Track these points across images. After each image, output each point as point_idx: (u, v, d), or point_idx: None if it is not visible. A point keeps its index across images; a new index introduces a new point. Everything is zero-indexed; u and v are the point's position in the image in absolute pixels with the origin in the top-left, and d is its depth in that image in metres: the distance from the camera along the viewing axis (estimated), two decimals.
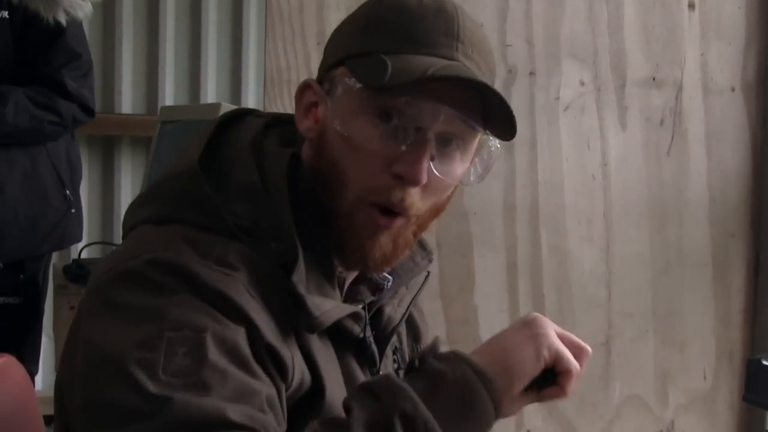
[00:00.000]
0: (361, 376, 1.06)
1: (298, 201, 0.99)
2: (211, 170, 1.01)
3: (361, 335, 1.04)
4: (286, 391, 0.94)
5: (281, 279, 0.95)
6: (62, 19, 2.20)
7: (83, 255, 2.83)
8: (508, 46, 2.25)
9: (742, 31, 2.47)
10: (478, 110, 0.99)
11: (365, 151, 0.97)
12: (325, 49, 1.05)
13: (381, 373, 1.08)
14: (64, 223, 2.37)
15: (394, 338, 1.14)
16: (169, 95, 3.60)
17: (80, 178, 2.50)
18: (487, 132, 1.02)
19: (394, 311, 1.12)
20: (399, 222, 1.00)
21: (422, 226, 1.04)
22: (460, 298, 2.27)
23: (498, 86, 2.32)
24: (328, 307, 0.97)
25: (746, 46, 2.48)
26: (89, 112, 2.35)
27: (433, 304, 2.23)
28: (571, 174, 2.34)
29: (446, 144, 1.00)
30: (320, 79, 1.03)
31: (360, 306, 1.08)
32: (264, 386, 0.89)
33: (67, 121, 2.30)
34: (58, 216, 2.35)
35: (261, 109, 1.13)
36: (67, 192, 2.37)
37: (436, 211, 1.05)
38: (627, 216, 2.40)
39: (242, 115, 1.09)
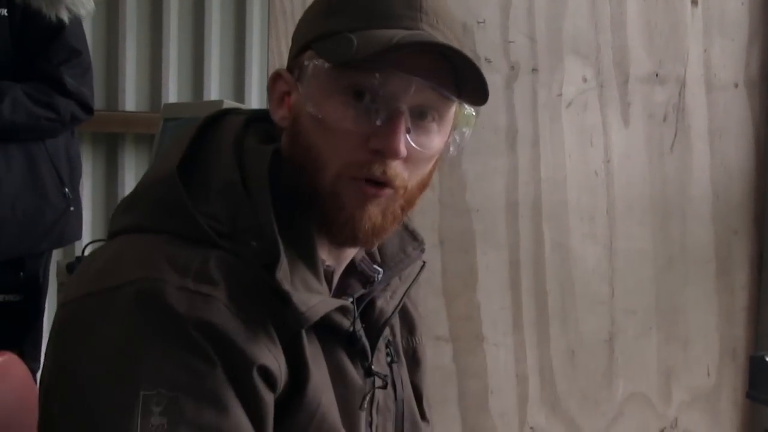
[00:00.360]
0: (352, 370, 1.05)
1: (281, 197, 0.99)
2: (193, 174, 1.00)
3: (351, 329, 1.03)
4: (275, 396, 0.95)
5: (264, 280, 0.94)
6: (64, 17, 2.20)
7: (87, 252, 2.84)
8: (510, 42, 2.25)
9: (746, 27, 2.46)
10: (449, 79, 0.99)
11: (340, 130, 0.97)
12: (293, 39, 1.05)
13: (373, 366, 1.08)
14: (63, 221, 2.37)
15: (387, 331, 1.13)
16: (173, 93, 3.60)
17: (80, 176, 2.50)
18: (461, 100, 1.02)
19: (386, 304, 1.12)
20: (387, 192, 1.00)
21: (410, 202, 1.04)
22: (463, 295, 2.27)
23: (500, 83, 2.33)
24: (315, 301, 0.96)
25: (749, 42, 2.47)
26: (88, 109, 2.35)
27: (435, 301, 2.23)
28: (573, 170, 2.33)
29: (422, 117, 1.00)
30: (290, 68, 1.04)
31: (349, 299, 1.07)
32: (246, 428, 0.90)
33: (65, 118, 2.30)
34: (57, 214, 2.35)
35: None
36: (66, 190, 2.37)
37: (422, 186, 1.04)
38: (630, 213, 2.39)
39: (222, 115, 1.08)
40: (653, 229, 2.42)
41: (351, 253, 1.09)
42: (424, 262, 1.19)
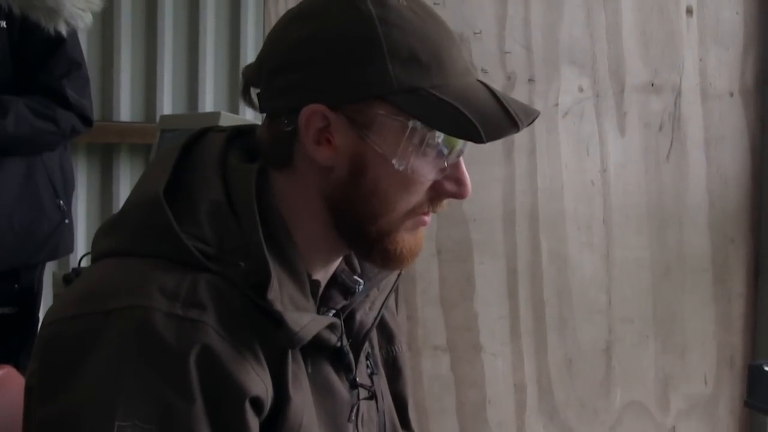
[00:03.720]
0: (339, 384, 1.06)
1: (265, 216, 0.99)
2: (178, 196, 1.00)
3: (338, 344, 1.04)
4: (260, 419, 0.95)
5: (253, 301, 0.95)
6: (63, 30, 2.20)
7: (83, 264, 2.83)
8: (506, 52, 2.25)
9: (741, 36, 2.47)
10: None
11: (423, 183, 1.01)
12: (309, 66, 1.00)
13: (357, 379, 1.08)
14: (58, 234, 2.37)
15: (367, 343, 1.13)
16: (167, 103, 3.60)
17: (73, 188, 2.49)
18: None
19: (365, 316, 1.12)
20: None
21: None
22: (461, 304, 2.27)
23: None
24: (306, 321, 0.96)
25: (744, 51, 2.48)
26: (88, 122, 2.35)
27: (433, 311, 2.23)
28: (570, 180, 2.34)
29: None
30: (330, 105, 1.00)
31: (332, 313, 1.08)
32: None
33: (65, 131, 2.30)
34: (53, 226, 2.34)
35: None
36: (61, 202, 2.36)
37: None
38: (627, 221, 2.40)
39: (203, 134, 1.07)
40: (650, 237, 2.42)
41: (336, 264, 1.10)
42: (400, 271, 1.20)
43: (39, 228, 2.31)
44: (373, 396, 1.10)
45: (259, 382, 0.93)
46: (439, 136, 0.99)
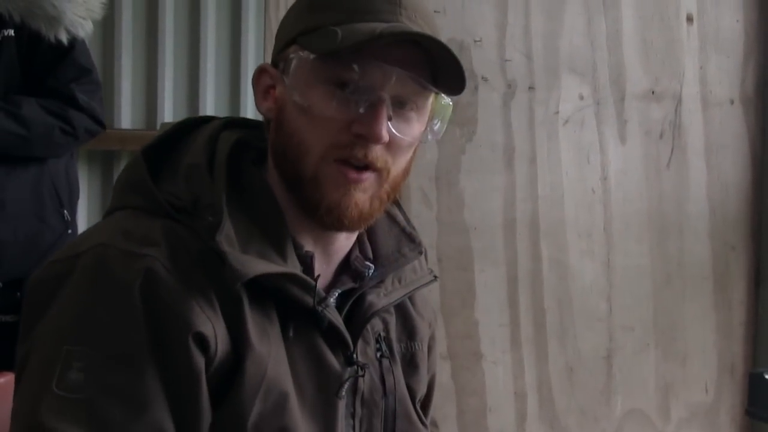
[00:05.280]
0: (329, 356, 1.07)
1: (250, 183, 1.06)
2: (167, 160, 1.08)
3: (314, 307, 1.04)
4: (210, 366, 0.97)
5: (211, 249, 0.99)
6: (63, 38, 2.20)
7: None
8: (507, 60, 2.25)
9: (741, 44, 2.47)
10: (427, 71, 1.04)
11: (324, 117, 1.02)
12: (276, 35, 1.11)
13: (357, 357, 1.09)
14: (61, 244, 2.36)
15: (379, 326, 1.15)
16: (168, 110, 3.60)
17: (78, 198, 2.48)
18: (438, 90, 1.07)
19: (377, 299, 1.13)
20: (369, 176, 1.04)
21: (395, 188, 1.09)
22: (461, 312, 2.27)
23: (497, 101, 2.34)
24: (254, 263, 0.99)
25: (745, 58, 2.48)
26: (100, 123, 2.35)
27: None
28: (571, 188, 2.34)
29: (401, 106, 1.05)
30: (274, 62, 1.09)
31: (337, 293, 1.10)
32: (156, 410, 0.95)
33: (78, 131, 2.29)
34: (56, 237, 2.33)
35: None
36: (65, 212, 2.36)
37: (405, 173, 1.10)
38: (627, 229, 2.40)
39: (210, 119, 1.15)
40: (651, 245, 2.42)
41: (341, 245, 1.12)
42: (435, 277, 1.22)
43: (42, 239, 2.31)
44: (364, 373, 1.10)
45: (205, 320, 0.97)
46: (330, 67, 1.01)
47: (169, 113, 3.60)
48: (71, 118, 2.26)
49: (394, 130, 1.03)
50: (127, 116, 3.58)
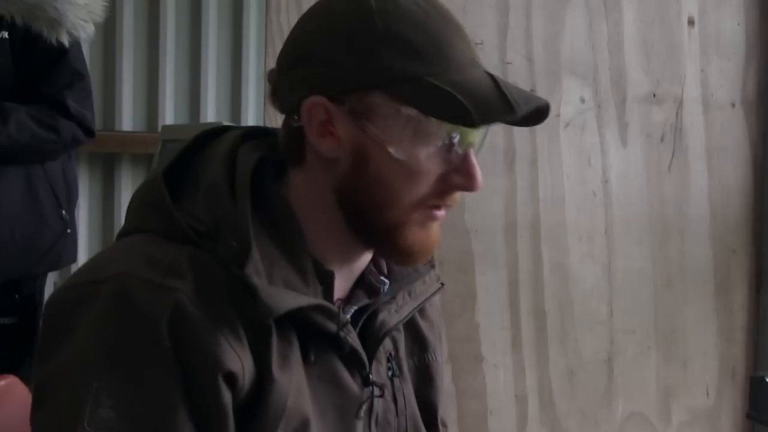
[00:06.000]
0: (348, 377, 1.06)
1: (273, 204, 1.03)
2: (186, 179, 1.05)
3: (336, 332, 1.04)
4: (236, 399, 0.96)
5: (239, 278, 0.97)
6: (65, 40, 2.20)
7: None
8: (508, 63, 2.25)
9: (742, 47, 2.47)
10: None
11: (426, 172, 1.01)
12: (314, 59, 1.02)
13: (372, 377, 1.08)
14: (60, 244, 2.36)
15: (389, 344, 1.14)
16: (169, 113, 3.61)
17: (76, 198, 2.49)
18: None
19: (389, 316, 1.12)
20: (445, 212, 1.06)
21: None
22: (462, 315, 2.26)
23: None
24: (284, 296, 0.98)
25: (746, 61, 2.48)
26: (89, 132, 2.35)
27: None
28: (572, 191, 2.34)
29: None
30: (330, 96, 1.01)
31: (353, 310, 1.09)
32: None
33: (66, 140, 2.29)
34: (55, 236, 2.33)
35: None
36: (64, 212, 2.36)
37: None
38: (628, 232, 2.39)
39: (220, 130, 1.11)
40: (652, 248, 2.42)
41: (364, 261, 1.11)
42: (442, 284, 1.22)
43: (41, 239, 2.31)
44: (382, 393, 1.10)
45: (234, 357, 0.95)
46: (442, 126, 1.00)
47: (170, 116, 3.60)
48: (60, 127, 2.26)
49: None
50: (128, 118, 3.59)
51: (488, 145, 2.24)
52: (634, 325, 2.41)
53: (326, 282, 1.05)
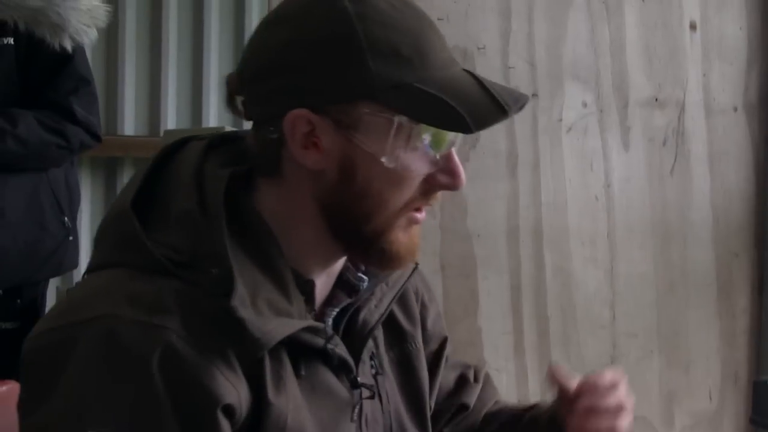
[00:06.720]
0: (337, 384, 1.05)
1: (244, 222, 0.99)
2: (153, 206, 1.00)
3: (324, 346, 1.02)
4: (234, 428, 0.94)
5: (222, 306, 0.94)
6: (68, 45, 2.20)
7: None
8: (510, 68, 2.25)
9: (744, 51, 2.47)
10: None
11: (415, 177, 1.00)
12: (292, 69, 0.98)
13: (360, 379, 1.07)
14: (62, 250, 2.35)
15: (370, 343, 1.12)
16: (172, 117, 3.61)
17: (78, 204, 2.48)
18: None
19: (370, 315, 1.11)
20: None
21: None
22: (464, 320, 2.26)
23: None
24: (272, 326, 0.95)
25: (748, 66, 2.48)
26: (96, 138, 2.35)
27: None
28: (574, 195, 2.34)
29: None
30: (313, 108, 0.98)
31: (335, 313, 1.08)
32: None
33: (74, 145, 2.29)
34: (56, 243, 2.33)
35: None
36: (66, 219, 2.35)
37: None
38: (631, 236, 2.39)
39: (182, 144, 1.07)
40: (654, 252, 2.42)
41: (341, 264, 1.09)
42: (416, 264, 1.19)
43: (43, 245, 2.30)
44: (374, 395, 1.09)
45: (230, 389, 0.93)
46: (428, 130, 0.98)
47: (172, 120, 3.60)
48: (67, 132, 2.26)
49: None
50: (130, 123, 3.59)
51: (490, 149, 2.25)
52: (637, 329, 2.41)
53: (307, 291, 1.03)
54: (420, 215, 1.03)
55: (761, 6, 2.49)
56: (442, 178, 1.01)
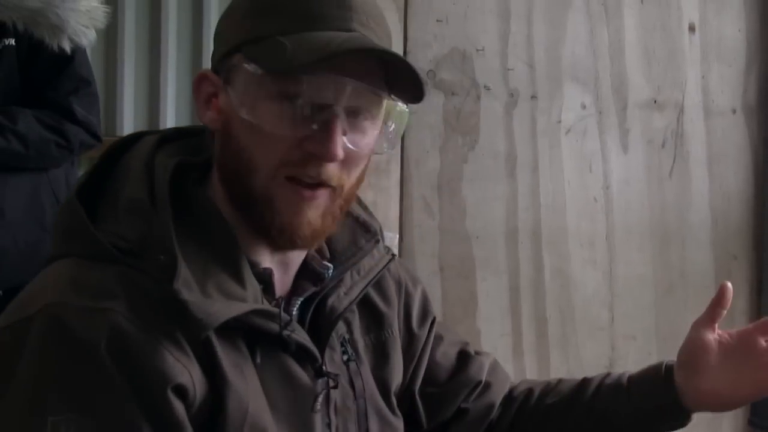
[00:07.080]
0: (300, 372, 1.04)
1: (196, 207, 1.00)
2: (103, 196, 1.02)
3: (280, 331, 1.01)
4: (190, 410, 0.95)
5: (168, 292, 0.94)
6: (66, 47, 2.20)
7: None
8: (509, 70, 2.25)
9: (743, 53, 2.48)
10: (381, 77, 0.99)
11: (276, 134, 0.97)
12: (216, 38, 1.05)
13: (325, 366, 1.06)
14: None
15: (342, 328, 1.11)
16: (171, 118, 3.60)
17: None
18: (393, 97, 1.01)
19: (338, 301, 1.09)
20: (323, 193, 0.99)
21: (348, 200, 1.04)
22: (463, 321, 2.26)
23: (500, 110, 2.33)
24: (215, 308, 0.95)
25: (747, 68, 2.48)
26: (97, 137, 2.35)
27: None
28: (573, 197, 2.34)
29: (355, 116, 0.99)
30: (215, 69, 1.02)
31: (299, 302, 1.07)
32: None
33: (74, 144, 2.29)
34: None
35: None
36: None
37: (359, 182, 1.04)
38: (629, 238, 2.39)
39: (138, 137, 1.09)
40: (653, 254, 2.42)
41: (298, 254, 1.08)
42: (393, 255, 1.17)
43: (43, 247, 2.30)
44: (336, 384, 1.07)
45: (180, 368, 0.93)
46: (298, 88, 0.95)
47: (171, 121, 3.60)
48: (67, 131, 2.26)
49: (349, 145, 0.97)
50: (129, 124, 3.58)
51: (489, 151, 2.25)
52: (636, 331, 2.41)
53: (264, 280, 1.03)
54: (306, 192, 0.98)
55: (760, 8, 2.49)
56: (312, 145, 0.96)
